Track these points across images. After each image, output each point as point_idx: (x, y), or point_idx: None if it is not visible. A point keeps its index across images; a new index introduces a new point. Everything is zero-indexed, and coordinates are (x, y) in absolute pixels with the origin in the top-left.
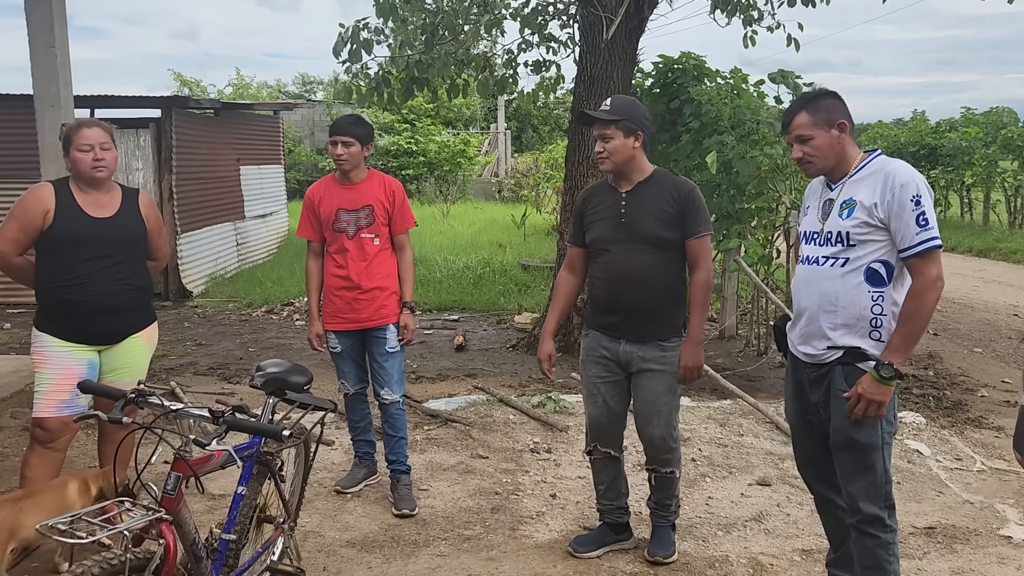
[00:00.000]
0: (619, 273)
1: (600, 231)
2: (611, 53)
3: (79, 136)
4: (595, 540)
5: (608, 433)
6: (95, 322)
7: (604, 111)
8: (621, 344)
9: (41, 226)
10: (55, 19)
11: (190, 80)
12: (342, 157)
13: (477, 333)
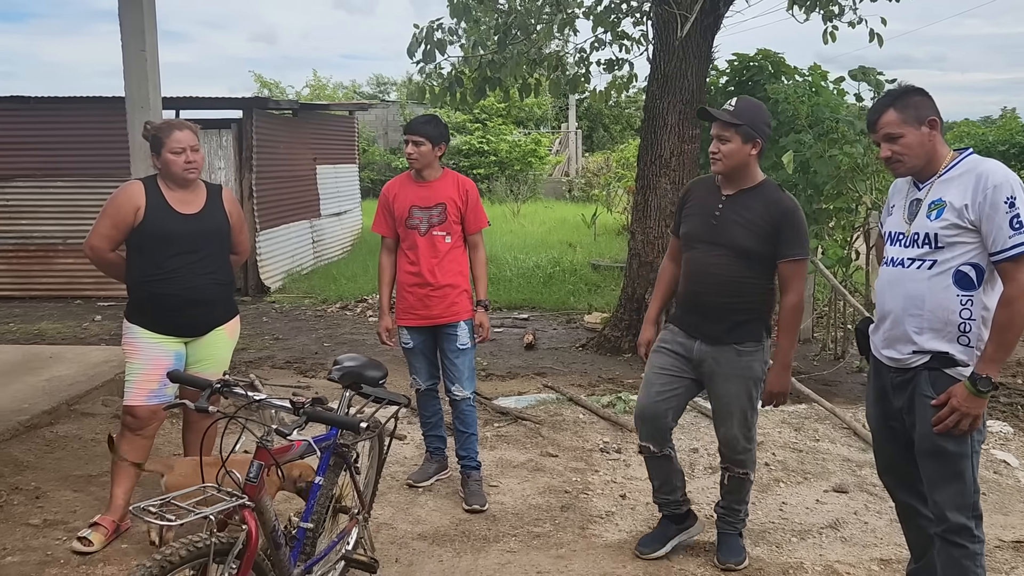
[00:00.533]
0: (700, 273)
1: (691, 227)
2: (685, 51)
3: (171, 139)
4: (658, 538)
5: (649, 426)
6: (183, 315)
7: (727, 111)
8: (696, 343)
9: (132, 223)
10: (146, 24)
11: (270, 81)
12: (412, 156)
13: (547, 332)
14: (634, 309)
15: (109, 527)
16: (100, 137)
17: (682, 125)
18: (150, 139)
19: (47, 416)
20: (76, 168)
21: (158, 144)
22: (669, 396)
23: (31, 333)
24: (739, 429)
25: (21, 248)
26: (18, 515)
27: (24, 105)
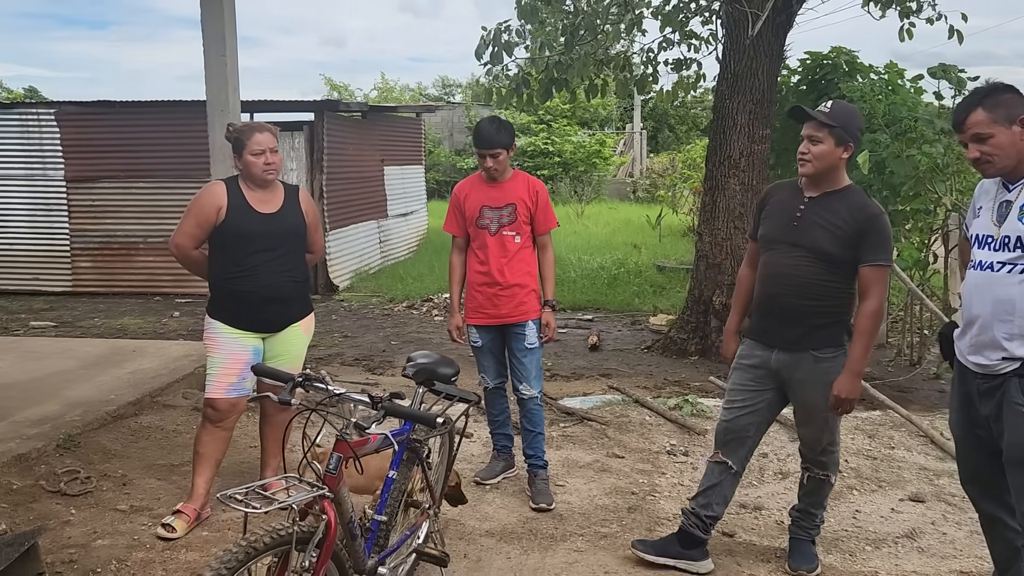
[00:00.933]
0: (777, 275)
1: (770, 228)
2: (756, 50)
3: (252, 141)
4: (658, 547)
5: (734, 445)
6: (261, 311)
7: (822, 112)
8: (774, 353)
9: (215, 221)
10: (227, 30)
11: (339, 84)
12: (492, 168)
13: (611, 333)
14: (701, 311)
15: (191, 515)
16: (179, 140)
17: (752, 125)
18: (232, 141)
19: (132, 407)
20: (156, 170)
21: (239, 146)
22: (751, 411)
23: (114, 328)
24: (821, 431)
25: (105, 246)
26: (107, 500)
27: (110, 109)
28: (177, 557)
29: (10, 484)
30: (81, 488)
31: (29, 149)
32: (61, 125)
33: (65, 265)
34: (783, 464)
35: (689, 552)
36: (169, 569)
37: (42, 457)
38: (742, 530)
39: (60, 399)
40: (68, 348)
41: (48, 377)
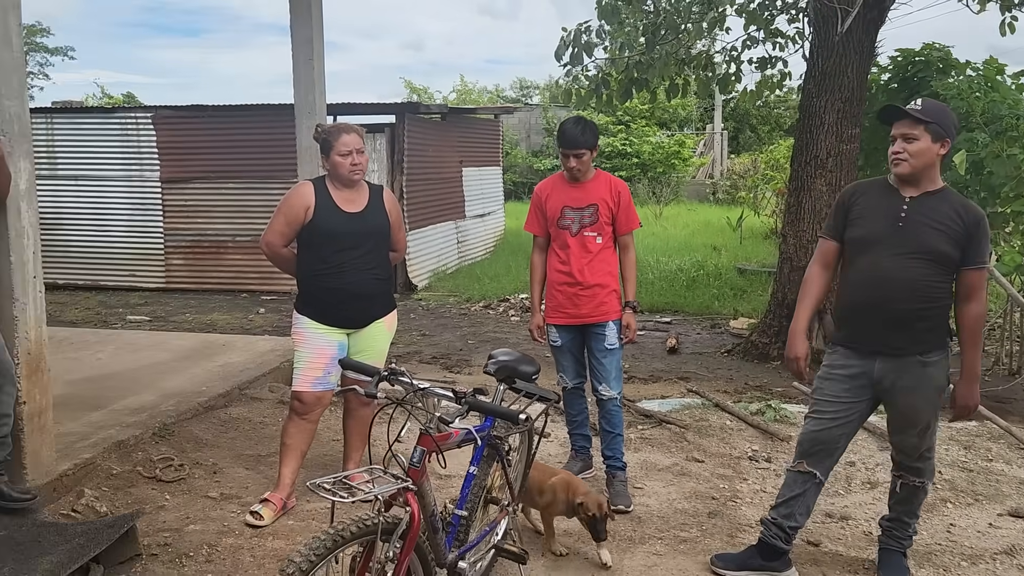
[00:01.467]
0: (883, 278)
1: (869, 230)
2: (846, 47)
3: (340, 142)
4: (739, 561)
5: (820, 455)
6: (346, 307)
7: (915, 109)
8: (876, 361)
9: (303, 220)
10: (314, 35)
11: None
12: (576, 168)
13: (690, 336)
14: (784, 315)
15: (278, 504)
16: (267, 142)
17: (840, 124)
18: (320, 141)
19: (222, 399)
20: (244, 171)
21: (327, 147)
22: (844, 423)
23: (204, 323)
24: (919, 438)
25: (196, 244)
26: (198, 487)
27: (202, 113)
28: (264, 544)
29: (110, 469)
30: (175, 475)
31: (127, 151)
32: (157, 128)
33: (159, 262)
34: (871, 473)
35: (771, 564)
36: (256, 555)
37: (139, 444)
38: (828, 540)
39: (156, 389)
40: (162, 341)
41: (144, 368)
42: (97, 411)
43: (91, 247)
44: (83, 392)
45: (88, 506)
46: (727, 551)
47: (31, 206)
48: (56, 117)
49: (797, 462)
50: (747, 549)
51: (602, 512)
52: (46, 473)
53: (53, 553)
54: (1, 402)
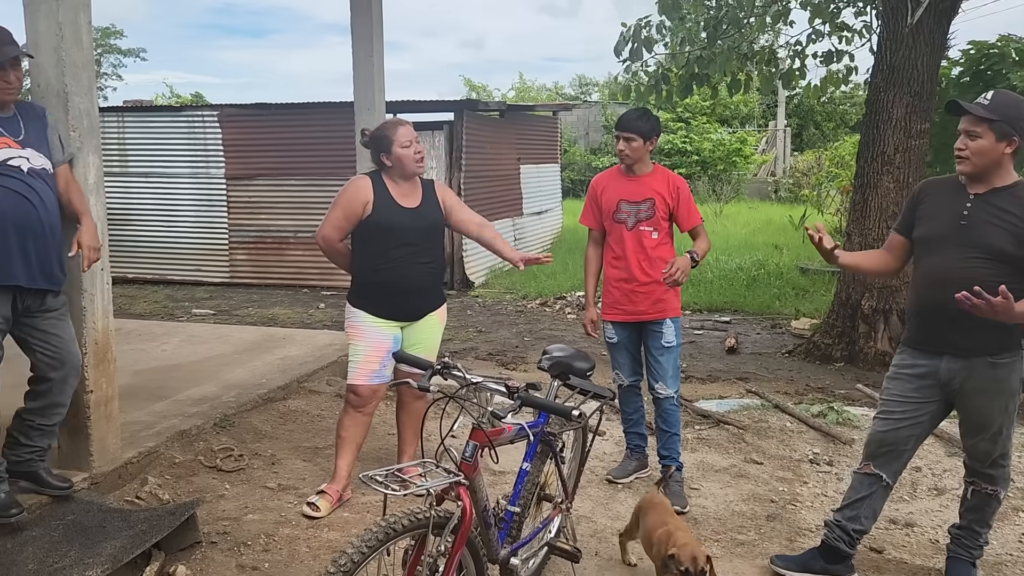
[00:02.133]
0: (945, 277)
1: (932, 229)
2: (916, 39)
3: (399, 135)
4: (800, 563)
5: (888, 457)
6: (402, 301)
7: (980, 105)
8: (943, 361)
9: (361, 215)
10: (374, 31)
11: (478, 85)
12: (624, 152)
13: (749, 336)
14: (848, 316)
15: (334, 496)
16: (327, 139)
17: (909, 119)
18: (375, 141)
19: (281, 391)
20: (306, 168)
21: (387, 143)
22: (912, 424)
23: (266, 316)
24: (992, 444)
25: (259, 240)
26: (257, 478)
27: (265, 111)
28: (320, 535)
29: (173, 458)
30: (235, 465)
31: (194, 149)
32: (223, 126)
33: (224, 257)
34: (939, 480)
35: (833, 567)
36: (312, 546)
37: (201, 434)
38: (892, 547)
39: (217, 381)
40: (225, 334)
41: (207, 360)
42: (161, 401)
43: (159, 242)
44: (148, 382)
45: (151, 493)
46: (786, 554)
47: (99, 200)
48: (127, 115)
49: (863, 464)
50: (809, 551)
51: (696, 567)
52: (111, 460)
53: (117, 538)
54: (62, 392)
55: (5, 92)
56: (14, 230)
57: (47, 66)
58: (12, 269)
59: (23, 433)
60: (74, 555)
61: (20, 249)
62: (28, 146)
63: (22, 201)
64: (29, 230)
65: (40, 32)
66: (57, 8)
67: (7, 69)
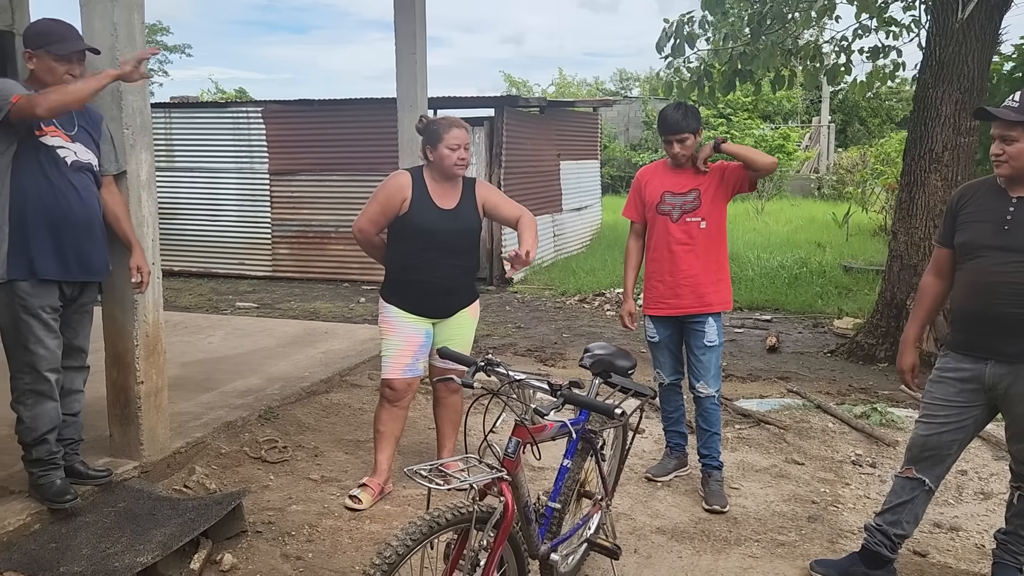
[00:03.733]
0: (989, 282)
1: (974, 234)
2: (966, 34)
3: (449, 135)
4: (840, 568)
5: (931, 462)
6: (434, 299)
7: (1011, 108)
8: (988, 365)
9: (398, 211)
10: (417, 28)
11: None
12: (680, 154)
13: (791, 335)
14: (892, 316)
15: (376, 488)
16: (369, 135)
17: (958, 116)
18: (427, 131)
19: (323, 384)
20: (348, 163)
21: (436, 137)
22: (956, 428)
23: (308, 310)
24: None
25: (301, 235)
26: (301, 469)
27: (308, 107)
28: (362, 527)
29: (219, 448)
30: (279, 456)
31: (239, 144)
32: (266, 122)
33: (267, 251)
34: (985, 484)
35: (875, 572)
36: (355, 537)
37: (246, 426)
38: (936, 551)
39: (262, 373)
40: (268, 327)
41: (251, 353)
42: (208, 392)
43: (204, 236)
44: (195, 374)
45: (199, 483)
46: (827, 556)
47: (151, 196)
48: (174, 112)
49: (905, 468)
50: (849, 555)
51: None
52: (161, 450)
53: (166, 526)
54: (72, 380)
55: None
56: (66, 223)
57: (103, 65)
58: (64, 262)
59: None
60: (125, 541)
61: (55, 243)
62: (78, 141)
63: (60, 195)
64: (64, 223)
65: (96, 31)
66: (112, 8)
67: (72, 63)
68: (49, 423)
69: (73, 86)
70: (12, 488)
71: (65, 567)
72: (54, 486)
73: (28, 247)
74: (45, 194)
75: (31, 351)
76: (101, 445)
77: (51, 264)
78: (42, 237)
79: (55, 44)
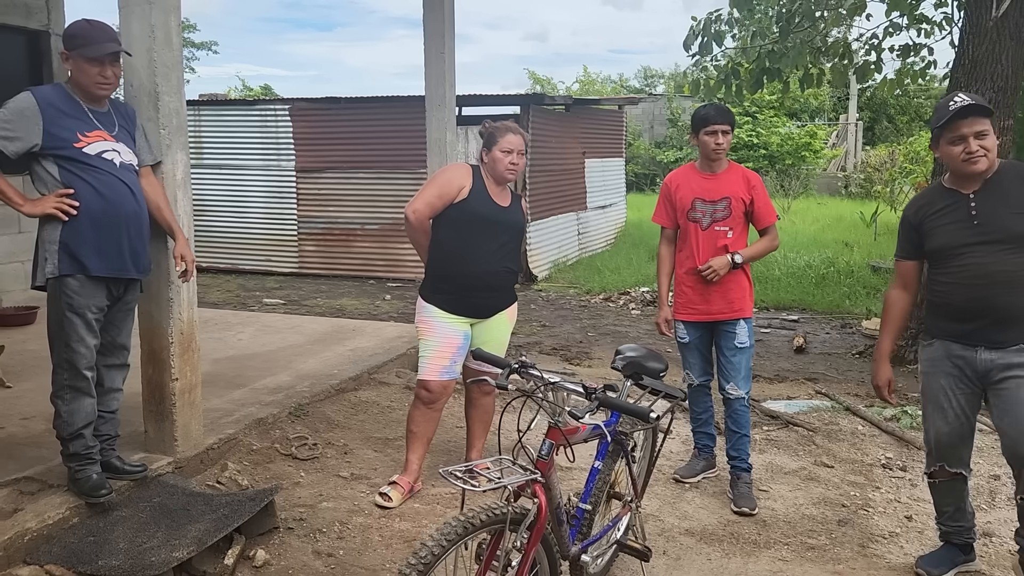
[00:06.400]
0: (976, 277)
1: (948, 237)
2: (1000, 32)
3: (505, 140)
4: (944, 560)
5: (960, 451)
6: (477, 297)
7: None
8: (979, 352)
9: (455, 198)
10: (446, 28)
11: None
12: (722, 147)
13: (818, 336)
14: (922, 317)
15: (406, 487)
16: (396, 133)
17: None
18: (486, 135)
19: (352, 382)
20: (374, 161)
21: (492, 141)
22: (972, 414)
23: (334, 307)
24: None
25: (328, 232)
26: (331, 467)
27: (335, 105)
28: (392, 525)
29: (251, 445)
30: (309, 453)
31: (266, 141)
32: (293, 120)
33: (293, 248)
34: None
35: (971, 556)
36: (385, 535)
37: (277, 423)
38: None
39: (291, 370)
40: (297, 324)
41: (281, 350)
42: (239, 389)
43: (232, 232)
44: (226, 371)
45: (231, 479)
46: (928, 553)
47: (186, 195)
48: (203, 109)
49: (938, 466)
50: (945, 547)
51: None
52: (194, 446)
53: (201, 521)
54: (112, 379)
55: (100, 87)
56: (119, 222)
57: (140, 67)
58: (111, 260)
59: None
60: (161, 536)
61: (120, 240)
62: (120, 140)
63: (113, 195)
64: (127, 221)
65: (133, 34)
66: (150, 11)
67: (106, 65)
68: (85, 418)
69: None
70: (51, 482)
71: (103, 560)
72: (90, 480)
73: (79, 245)
74: (97, 196)
75: (72, 348)
76: (136, 440)
77: (102, 261)
78: (94, 236)
79: (86, 47)
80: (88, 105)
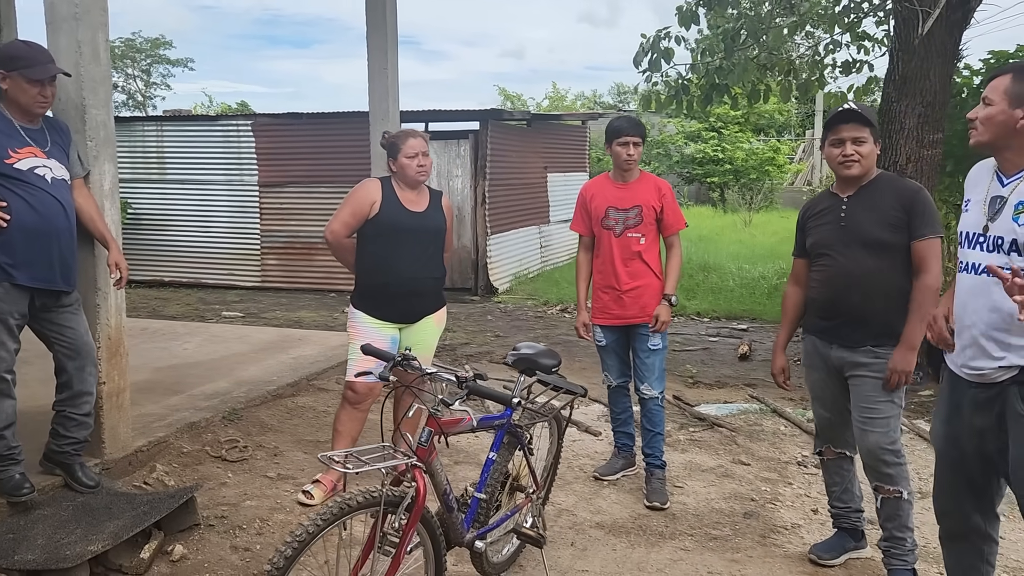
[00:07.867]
0: (836, 277)
1: (819, 236)
2: (927, 49)
3: (407, 145)
4: (836, 546)
5: (840, 431)
6: (402, 303)
7: (866, 109)
8: (832, 349)
9: (368, 214)
10: (388, 44)
11: (512, 94)
12: (633, 158)
13: (764, 344)
14: None
15: (328, 485)
16: (356, 147)
17: (921, 129)
18: (388, 146)
19: (290, 388)
20: (335, 175)
21: (395, 150)
22: (846, 399)
23: (292, 320)
24: (882, 436)
25: (289, 245)
26: (259, 468)
27: (297, 120)
28: None
29: (181, 448)
30: (239, 455)
31: (229, 157)
32: (256, 135)
33: (256, 262)
34: (925, 484)
35: (859, 544)
36: None
37: (209, 426)
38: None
39: (231, 377)
40: (245, 335)
41: (224, 358)
42: (176, 395)
43: (194, 247)
44: (166, 378)
45: (158, 480)
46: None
47: (114, 205)
48: (166, 124)
49: (824, 448)
50: (836, 534)
51: None
52: (122, 448)
53: (120, 518)
54: (83, 381)
55: (39, 105)
56: (51, 235)
57: (67, 81)
58: (39, 271)
59: (61, 424)
60: (80, 532)
61: (51, 253)
62: (52, 157)
63: (44, 210)
64: (58, 235)
65: (61, 49)
66: (77, 27)
67: (45, 85)
68: (6, 420)
69: None
70: None
71: (20, 555)
72: (12, 480)
73: (9, 256)
74: (29, 210)
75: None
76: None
77: (30, 272)
78: (25, 248)
79: (28, 68)
80: (20, 122)
